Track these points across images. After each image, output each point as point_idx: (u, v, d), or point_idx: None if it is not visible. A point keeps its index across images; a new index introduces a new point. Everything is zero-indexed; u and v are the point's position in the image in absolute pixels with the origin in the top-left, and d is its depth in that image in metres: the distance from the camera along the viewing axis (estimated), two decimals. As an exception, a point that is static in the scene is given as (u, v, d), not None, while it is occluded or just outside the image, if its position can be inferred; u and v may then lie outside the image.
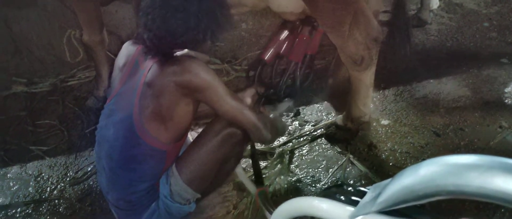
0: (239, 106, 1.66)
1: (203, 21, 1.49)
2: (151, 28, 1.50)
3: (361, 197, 0.72)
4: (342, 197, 0.77)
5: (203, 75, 1.55)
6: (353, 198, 0.75)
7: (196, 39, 1.52)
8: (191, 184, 1.71)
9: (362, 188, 0.77)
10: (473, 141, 2.50)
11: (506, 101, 2.83)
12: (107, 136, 1.66)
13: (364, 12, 2.07)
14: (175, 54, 1.60)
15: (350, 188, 0.80)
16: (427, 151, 2.45)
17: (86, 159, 2.50)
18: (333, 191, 0.80)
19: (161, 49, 1.53)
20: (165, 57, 1.55)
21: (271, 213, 1.80)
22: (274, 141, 2.46)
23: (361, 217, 0.69)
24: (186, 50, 1.71)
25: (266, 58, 2.80)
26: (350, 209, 0.73)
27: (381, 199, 0.65)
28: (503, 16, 3.92)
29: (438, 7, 3.86)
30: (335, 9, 2.00)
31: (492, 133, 2.55)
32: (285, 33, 2.65)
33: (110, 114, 1.67)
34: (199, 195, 1.79)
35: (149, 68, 1.56)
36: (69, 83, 3.15)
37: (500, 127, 2.60)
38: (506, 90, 2.92)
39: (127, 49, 1.73)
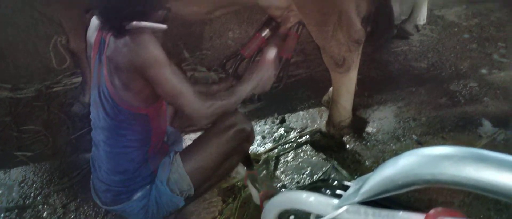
0: (183, 89, 1.59)
1: None
2: (97, 4, 1.53)
3: (346, 191, 0.76)
4: (327, 190, 0.81)
5: (150, 49, 1.50)
6: (338, 192, 0.79)
7: (140, 10, 1.50)
8: (191, 174, 1.75)
9: (346, 182, 0.81)
10: (453, 149, 2.56)
11: (485, 110, 2.91)
12: (97, 113, 1.68)
13: (348, 13, 2.12)
14: (127, 27, 1.51)
15: (335, 183, 0.83)
16: (409, 158, 2.50)
17: (71, 165, 2.49)
18: (319, 185, 0.84)
19: (111, 24, 1.52)
20: (117, 31, 1.52)
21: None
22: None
23: (344, 207, 0.72)
24: (136, 23, 1.55)
25: (245, 53, 2.81)
26: (335, 201, 0.76)
27: (363, 189, 0.69)
28: (483, 28, 4.04)
29: (424, 24, 3.94)
30: (321, 7, 2.05)
31: (471, 142, 2.62)
32: (267, 32, 2.67)
33: (96, 95, 1.68)
34: (192, 191, 1.80)
35: (108, 42, 1.56)
36: (54, 89, 3.13)
37: (479, 136, 2.67)
38: (485, 99, 3.01)
39: (95, 24, 1.72)
